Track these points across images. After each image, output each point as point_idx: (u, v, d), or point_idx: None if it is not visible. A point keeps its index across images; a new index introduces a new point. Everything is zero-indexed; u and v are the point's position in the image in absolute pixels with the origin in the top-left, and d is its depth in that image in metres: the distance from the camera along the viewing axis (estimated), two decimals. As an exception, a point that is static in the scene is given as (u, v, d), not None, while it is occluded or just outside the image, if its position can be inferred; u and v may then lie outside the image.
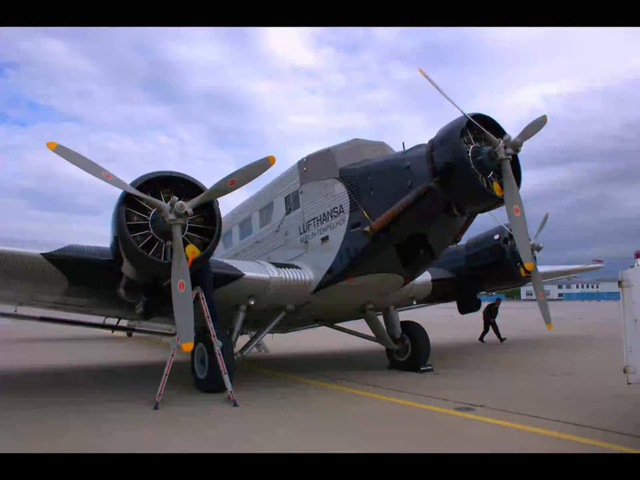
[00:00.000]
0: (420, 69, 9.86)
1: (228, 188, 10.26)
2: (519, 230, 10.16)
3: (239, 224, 17.26)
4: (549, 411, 9.46)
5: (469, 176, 9.98)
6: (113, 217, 10.04)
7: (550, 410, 9.53)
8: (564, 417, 8.96)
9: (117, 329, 21.38)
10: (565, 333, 28.07)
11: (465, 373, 14.53)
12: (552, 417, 9.01)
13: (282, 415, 9.69)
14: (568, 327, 32.61)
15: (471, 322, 29.27)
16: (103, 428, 8.83)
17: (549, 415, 9.14)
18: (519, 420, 8.88)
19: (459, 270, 17.48)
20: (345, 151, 13.25)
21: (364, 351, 20.89)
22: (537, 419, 8.93)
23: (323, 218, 13.17)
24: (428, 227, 11.41)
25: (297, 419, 9.44)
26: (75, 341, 29.37)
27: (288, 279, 13.20)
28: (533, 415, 9.15)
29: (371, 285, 13.15)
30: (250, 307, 13.51)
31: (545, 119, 10.93)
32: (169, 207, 9.82)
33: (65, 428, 8.84)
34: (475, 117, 10.28)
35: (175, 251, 9.85)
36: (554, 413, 9.29)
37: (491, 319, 24.86)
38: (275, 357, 20.58)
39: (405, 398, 11.08)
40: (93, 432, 8.57)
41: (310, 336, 25.62)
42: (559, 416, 9.02)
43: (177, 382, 12.74)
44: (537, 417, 9.01)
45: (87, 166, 9.59)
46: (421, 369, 14.84)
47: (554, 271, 24.12)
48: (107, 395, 12.00)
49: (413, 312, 22.39)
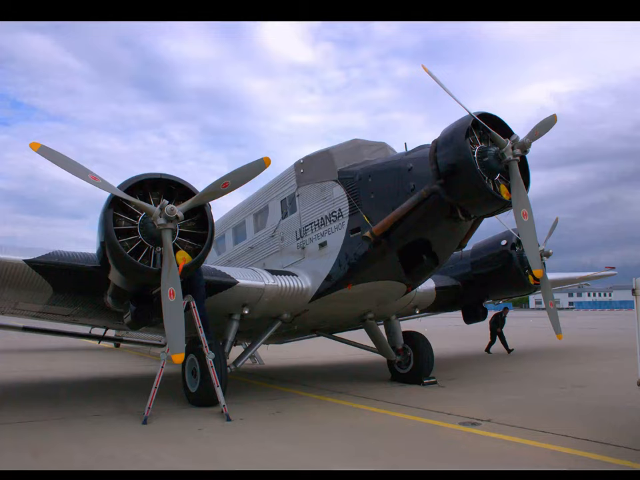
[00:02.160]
0: (423, 65, 9.87)
1: (221, 191, 10.23)
2: (528, 235, 10.13)
3: (233, 229, 17.25)
4: (559, 425, 9.44)
5: (474, 178, 9.95)
6: (100, 222, 10.00)
7: (560, 424, 9.51)
8: (575, 432, 8.94)
9: (103, 339, 21.31)
10: (575, 343, 28.08)
11: (471, 386, 14.51)
12: (563, 431, 8.98)
13: (277, 430, 9.66)
14: (579, 337, 32.62)
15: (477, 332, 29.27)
16: (89, 443, 8.79)
17: (560, 429, 9.12)
18: (528, 435, 8.86)
19: (464, 277, 17.48)
20: (344, 151, 13.25)
21: (364, 363, 20.86)
22: (547, 434, 8.91)
23: (320, 222, 13.16)
24: (431, 232, 11.39)
25: (294, 434, 9.41)
26: (59, 352, 29.24)
27: (284, 287, 13.17)
28: (542, 430, 9.13)
29: (371, 293, 13.14)
30: (244, 316, 13.49)
31: (555, 118, 10.92)
32: (159, 211, 9.78)
33: (48, 443, 8.79)
34: (481, 116, 10.25)
35: (165, 257, 9.82)
36: (565, 427, 9.27)
37: (498, 329, 24.86)
38: (270, 368, 20.53)
39: (407, 412, 11.05)
40: (77, 447, 8.53)
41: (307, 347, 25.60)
42: (570, 431, 9.00)
43: (167, 395, 12.72)
44: (546, 432, 8.99)
45: (72, 167, 9.58)
46: (424, 381, 14.81)
47: (564, 278, 24.15)
48: (93, 408, 11.94)
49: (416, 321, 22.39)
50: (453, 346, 27.75)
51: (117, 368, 21.41)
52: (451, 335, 37.53)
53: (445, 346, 26.37)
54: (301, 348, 25.77)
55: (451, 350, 25.59)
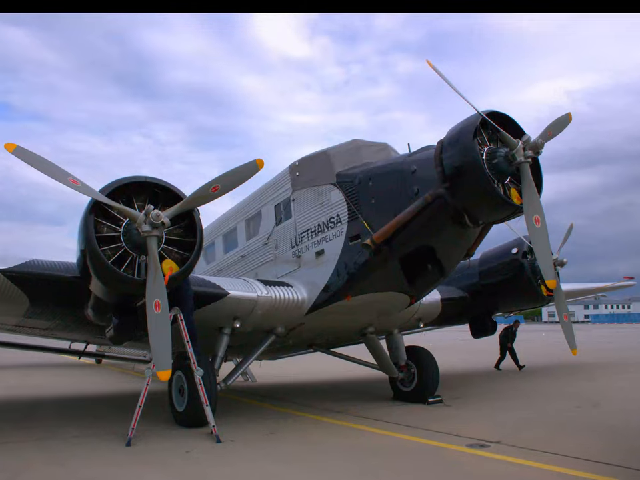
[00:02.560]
0: (427, 61, 9.86)
1: (210, 195, 10.23)
2: (540, 243, 10.13)
3: (223, 236, 17.24)
4: (574, 447, 9.40)
5: (483, 181, 9.93)
6: (80, 228, 9.98)
7: (573, 445, 9.49)
8: (592, 454, 8.90)
9: (84, 355, 21.22)
10: (591, 359, 28.05)
11: (479, 405, 14.49)
12: (575, 453, 8.95)
13: (271, 453, 9.62)
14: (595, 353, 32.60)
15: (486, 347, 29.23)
16: (68, 465, 8.76)
17: (575, 452, 9.08)
18: (540, 458, 8.82)
19: (472, 288, 17.47)
20: (342, 153, 13.25)
21: (364, 380, 20.83)
22: (558, 455, 8.88)
23: (317, 229, 13.16)
24: (436, 240, 11.38)
25: (289, 454, 9.38)
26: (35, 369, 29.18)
27: (278, 299, 13.15)
28: (556, 453, 9.10)
29: (372, 304, 13.12)
30: (235, 330, 13.45)
31: (570, 117, 10.93)
32: (144, 217, 9.76)
33: (26, 465, 8.76)
34: (490, 114, 10.22)
35: (150, 266, 9.79)
36: (577, 448, 9.25)
37: (509, 344, 24.85)
38: (263, 386, 20.50)
39: (411, 433, 11.03)
40: (56, 470, 8.50)
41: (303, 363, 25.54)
42: (586, 454, 8.96)
43: (152, 415, 12.67)
44: (561, 455, 8.95)
45: (50, 170, 9.55)
46: (428, 400, 14.78)
47: (579, 289, 24.14)
48: (72, 428, 11.91)
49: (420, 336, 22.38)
50: (459, 362, 27.72)
51: (98, 385, 21.35)
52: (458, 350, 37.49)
53: (452, 362, 26.34)
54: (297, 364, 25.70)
55: (458, 366, 25.56)
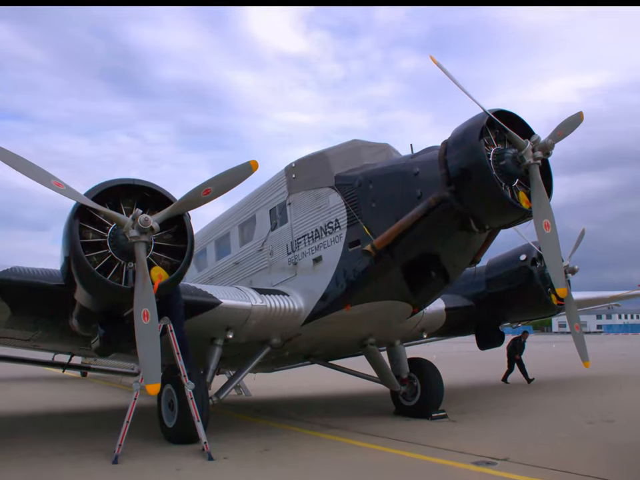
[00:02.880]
0: (431, 56, 9.87)
1: (202, 199, 10.21)
2: (550, 249, 10.12)
3: (215, 242, 17.23)
4: (585, 466, 9.40)
5: (490, 184, 9.92)
6: (64, 234, 9.95)
7: (587, 465, 9.48)
8: (604, 473, 8.88)
9: (68, 367, 21.19)
10: (604, 371, 28.03)
11: (486, 420, 14.49)
12: (589, 473, 8.92)
13: (265, 471, 9.60)
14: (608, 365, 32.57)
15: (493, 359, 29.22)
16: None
17: (586, 471, 9.06)
18: (550, 477, 8.82)
19: (478, 297, 17.44)
20: (341, 154, 13.25)
21: (364, 394, 20.81)
22: (572, 475, 8.86)
23: (315, 235, 13.15)
24: (441, 246, 11.38)
25: (284, 475, 9.36)
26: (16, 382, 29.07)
27: (273, 308, 13.13)
28: (566, 471, 9.08)
29: (372, 314, 13.10)
30: (228, 341, 13.43)
31: (582, 116, 10.93)
32: (131, 222, 9.73)
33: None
34: (498, 113, 10.21)
35: (139, 273, 9.76)
36: (592, 468, 9.22)
37: (517, 356, 24.83)
38: (257, 400, 20.48)
39: (414, 450, 11.01)
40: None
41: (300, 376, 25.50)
42: (598, 473, 8.94)
43: (140, 431, 12.62)
44: (571, 473, 8.93)
45: (32, 172, 9.52)
46: (432, 415, 14.76)
47: (592, 298, 24.12)
48: (56, 445, 11.88)
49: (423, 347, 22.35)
50: (465, 375, 27.70)
51: (83, 400, 21.30)
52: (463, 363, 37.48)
53: (457, 375, 26.30)
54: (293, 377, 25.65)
55: (463, 379, 25.54)
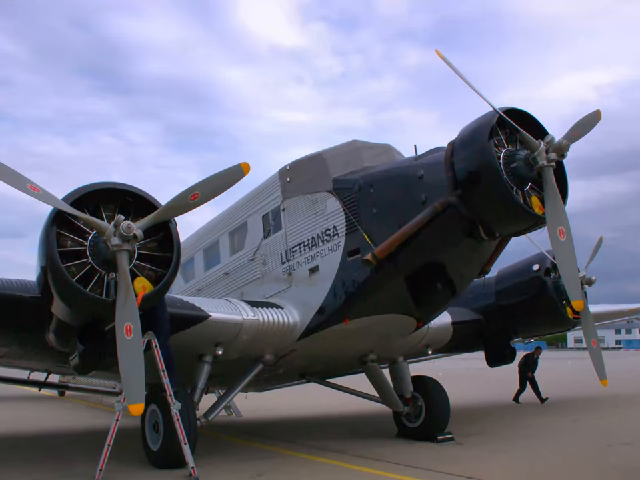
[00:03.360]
0: (437, 50, 9.87)
1: (189, 204, 10.19)
2: (566, 258, 10.10)
3: (204, 250, 17.21)
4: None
5: (500, 188, 9.90)
6: (40, 242, 9.91)
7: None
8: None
9: (45, 386, 21.16)
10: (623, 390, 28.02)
11: (495, 444, 14.45)
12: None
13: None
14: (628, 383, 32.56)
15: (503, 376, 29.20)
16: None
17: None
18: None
19: (488, 310, 17.42)
20: (340, 155, 13.24)
21: (364, 415, 20.81)
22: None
23: (311, 243, 13.13)
24: (447, 255, 11.37)
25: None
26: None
27: (266, 322, 13.10)
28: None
29: (373, 329, 13.08)
30: (217, 358, 13.39)
31: (599, 114, 10.92)
32: (113, 229, 9.69)
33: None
34: (508, 112, 10.20)
35: (121, 285, 9.73)
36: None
37: (529, 374, 24.85)
38: (249, 421, 20.46)
39: (417, 475, 10.98)
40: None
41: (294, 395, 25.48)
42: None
43: (123, 454, 12.59)
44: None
45: (6, 175, 9.51)
46: (437, 437, 14.72)
47: (610, 311, 24.10)
48: (31, 470, 11.85)
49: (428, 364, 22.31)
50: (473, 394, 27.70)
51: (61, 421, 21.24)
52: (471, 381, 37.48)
53: (464, 394, 26.30)
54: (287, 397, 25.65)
55: (472, 399, 25.54)
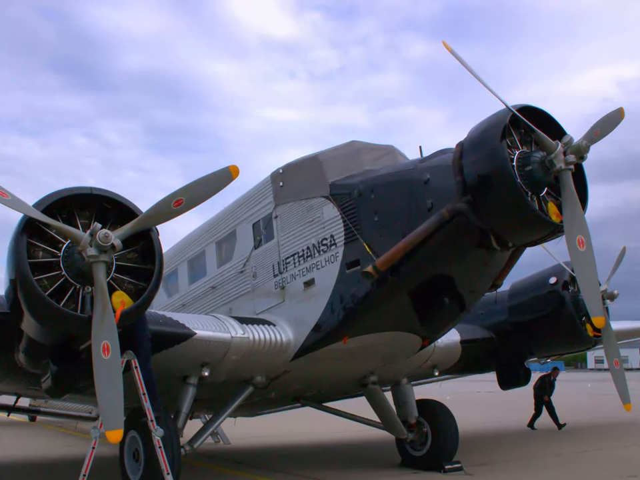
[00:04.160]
0: (444, 43, 9.88)
1: (172, 211, 10.16)
2: (585, 270, 10.07)
3: (188, 262, 17.20)
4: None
5: (513, 194, 9.87)
6: (9, 252, 9.86)
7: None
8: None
9: (14, 410, 21.07)
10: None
11: (509, 474, 14.46)
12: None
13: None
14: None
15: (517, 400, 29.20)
16: None
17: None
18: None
19: (500, 327, 17.42)
20: (338, 158, 13.24)
21: (364, 442, 20.79)
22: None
23: (306, 253, 13.13)
24: (455, 267, 11.37)
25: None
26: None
27: (257, 340, 13.08)
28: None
29: (374, 348, 13.08)
30: (203, 380, 13.38)
31: (622, 112, 10.91)
32: (89, 238, 9.62)
33: None
34: (522, 110, 10.17)
35: (97, 300, 9.68)
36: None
37: (545, 397, 24.83)
38: (238, 449, 20.42)
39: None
40: None
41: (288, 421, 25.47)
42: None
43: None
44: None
45: (-28, 179, 9.51)
46: (445, 467, 14.71)
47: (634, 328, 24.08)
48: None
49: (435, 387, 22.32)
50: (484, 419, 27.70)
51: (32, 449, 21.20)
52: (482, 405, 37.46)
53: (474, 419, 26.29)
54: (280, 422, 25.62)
55: (482, 425, 25.53)
